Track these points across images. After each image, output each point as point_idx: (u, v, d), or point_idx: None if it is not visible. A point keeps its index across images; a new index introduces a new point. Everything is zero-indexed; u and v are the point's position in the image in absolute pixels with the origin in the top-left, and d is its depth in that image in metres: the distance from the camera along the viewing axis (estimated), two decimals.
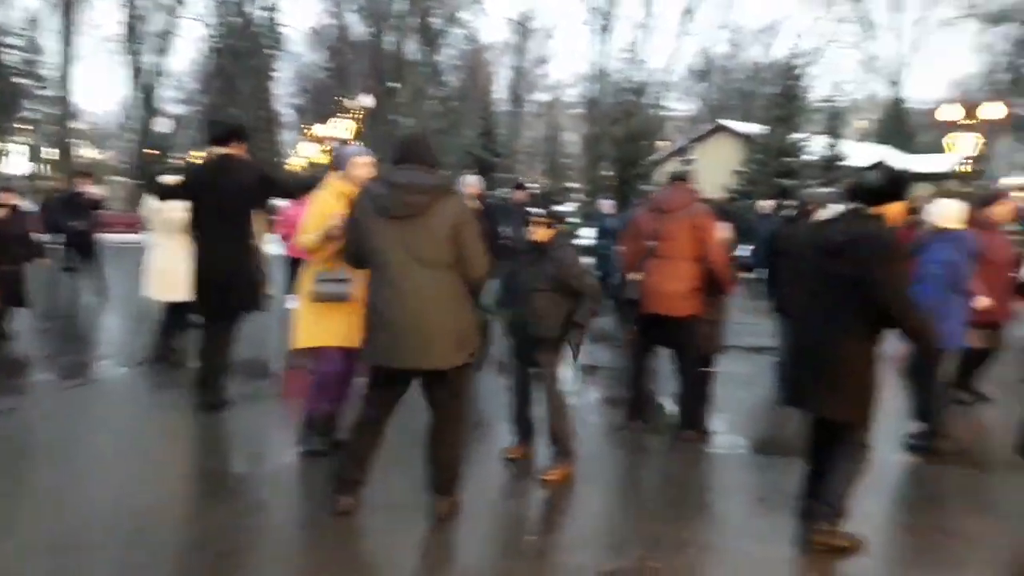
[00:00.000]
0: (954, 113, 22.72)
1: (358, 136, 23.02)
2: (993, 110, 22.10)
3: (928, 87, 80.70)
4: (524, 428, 4.65)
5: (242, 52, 29.13)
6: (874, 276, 3.27)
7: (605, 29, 32.61)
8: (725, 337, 5.46)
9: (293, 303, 4.79)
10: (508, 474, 4.48)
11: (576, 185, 30.57)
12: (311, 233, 4.27)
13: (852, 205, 3.52)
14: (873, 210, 3.43)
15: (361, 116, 25.33)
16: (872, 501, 4.06)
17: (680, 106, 50.71)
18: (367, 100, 25.76)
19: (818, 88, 38.38)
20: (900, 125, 40.46)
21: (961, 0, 36.85)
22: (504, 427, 4.88)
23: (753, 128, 26.56)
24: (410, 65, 30.34)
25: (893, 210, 3.46)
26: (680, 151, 26.60)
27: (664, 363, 5.43)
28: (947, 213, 5.07)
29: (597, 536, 3.76)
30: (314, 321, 4.31)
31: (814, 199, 5.97)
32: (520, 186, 10.84)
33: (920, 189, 25.97)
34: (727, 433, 5.38)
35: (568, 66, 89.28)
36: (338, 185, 4.36)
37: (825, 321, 3.42)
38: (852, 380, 3.40)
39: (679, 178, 5.27)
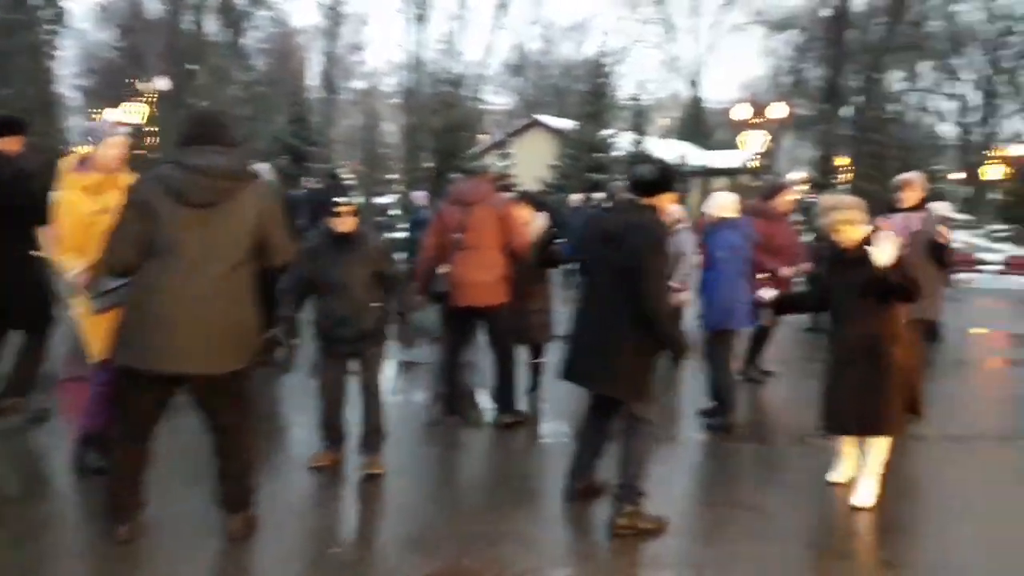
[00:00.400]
0: (745, 112, 24.61)
1: (151, 121, 21.31)
2: (778, 110, 24.16)
3: (723, 88, 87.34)
4: (335, 434, 4.40)
5: (15, 25, 26.05)
6: (640, 264, 3.45)
7: (420, 19, 32.32)
8: (554, 326, 5.54)
9: (73, 311, 4.23)
10: (315, 483, 4.22)
11: (396, 176, 30.19)
12: (71, 256, 3.72)
13: (627, 196, 3.71)
14: (645, 201, 3.61)
15: (155, 100, 23.47)
16: (671, 480, 4.22)
17: (497, 100, 51.48)
18: (162, 83, 23.92)
19: (625, 86, 40.50)
20: (699, 123, 43.38)
21: (751, 7, 40.03)
22: (307, 433, 4.61)
23: (567, 124, 27.42)
24: (211, 46, 28.49)
25: (665, 201, 3.67)
26: (498, 144, 26.96)
27: (482, 356, 5.40)
28: (723, 204, 5.44)
29: (412, 539, 3.60)
30: (105, 328, 3.78)
31: (621, 192, 6.17)
32: (333, 176, 10.49)
33: (716, 183, 28.03)
34: (548, 422, 5.42)
35: (385, 54, 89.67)
36: (82, 178, 3.81)
37: (606, 304, 3.60)
38: (630, 360, 3.57)
39: (478, 173, 5.30)
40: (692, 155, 30.27)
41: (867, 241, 3.98)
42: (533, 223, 5.77)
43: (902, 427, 4.14)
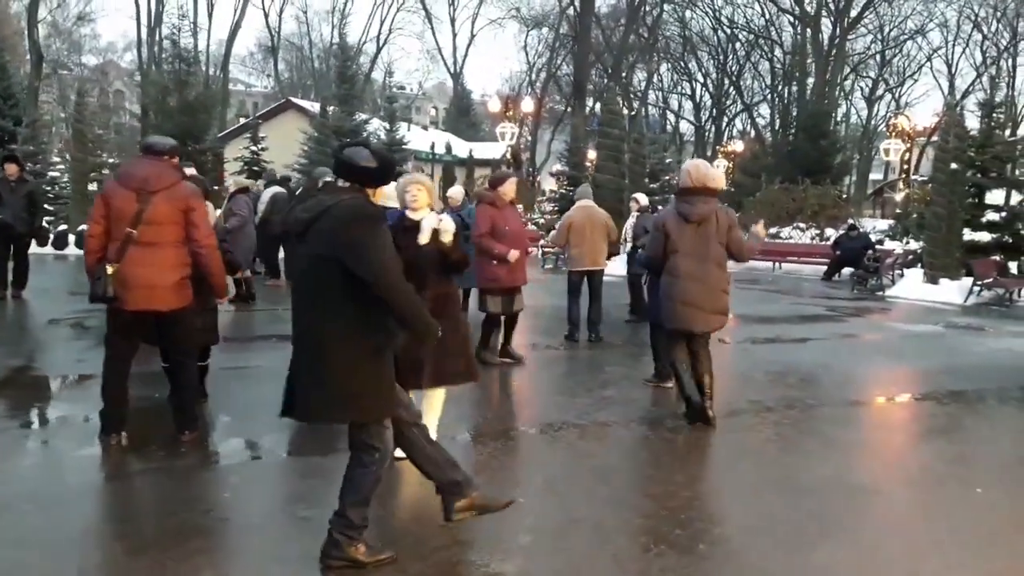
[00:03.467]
0: (503, 106, 25.12)
1: None
2: (528, 104, 24.90)
3: (488, 81, 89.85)
4: None
5: None
6: (344, 244, 2.81)
7: None
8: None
9: None
10: None
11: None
12: None
13: (328, 180, 3.38)
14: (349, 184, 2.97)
15: None
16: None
17: (254, 81, 48.75)
18: None
19: (388, 73, 40.08)
20: (463, 114, 43.90)
21: (506, 2, 41.10)
22: None
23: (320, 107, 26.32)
24: None
25: (379, 195, 3.09)
26: (247, 127, 25.33)
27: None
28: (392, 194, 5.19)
29: None
30: None
31: (317, 176, 5.77)
32: (11, 158, 9.03)
33: (479, 173, 28.38)
34: (226, 438, 4.84)
35: (120, 28, 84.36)
36: None
37: (309, 310, 2.95)
38: (340, 375, 2.87)
39: (153, 150, 4.50)
40: (456, 145, 30.47)
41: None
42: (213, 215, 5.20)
43: (472, 377, 4.37)
